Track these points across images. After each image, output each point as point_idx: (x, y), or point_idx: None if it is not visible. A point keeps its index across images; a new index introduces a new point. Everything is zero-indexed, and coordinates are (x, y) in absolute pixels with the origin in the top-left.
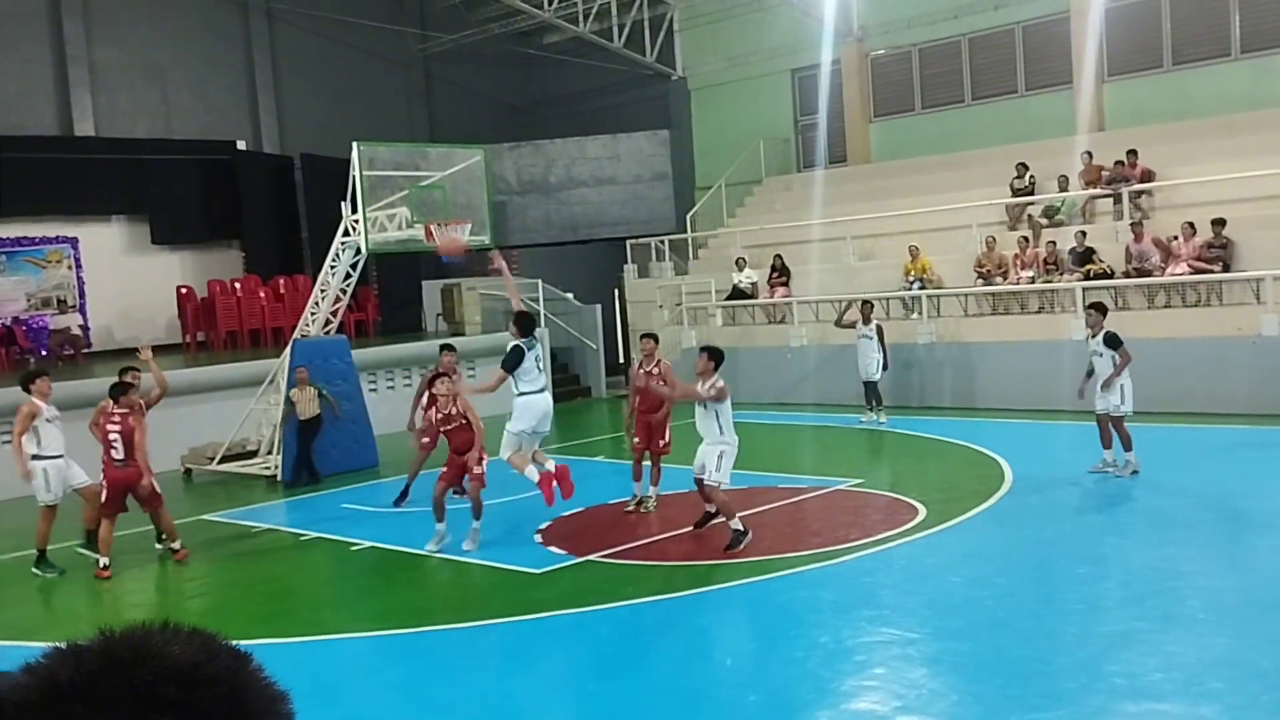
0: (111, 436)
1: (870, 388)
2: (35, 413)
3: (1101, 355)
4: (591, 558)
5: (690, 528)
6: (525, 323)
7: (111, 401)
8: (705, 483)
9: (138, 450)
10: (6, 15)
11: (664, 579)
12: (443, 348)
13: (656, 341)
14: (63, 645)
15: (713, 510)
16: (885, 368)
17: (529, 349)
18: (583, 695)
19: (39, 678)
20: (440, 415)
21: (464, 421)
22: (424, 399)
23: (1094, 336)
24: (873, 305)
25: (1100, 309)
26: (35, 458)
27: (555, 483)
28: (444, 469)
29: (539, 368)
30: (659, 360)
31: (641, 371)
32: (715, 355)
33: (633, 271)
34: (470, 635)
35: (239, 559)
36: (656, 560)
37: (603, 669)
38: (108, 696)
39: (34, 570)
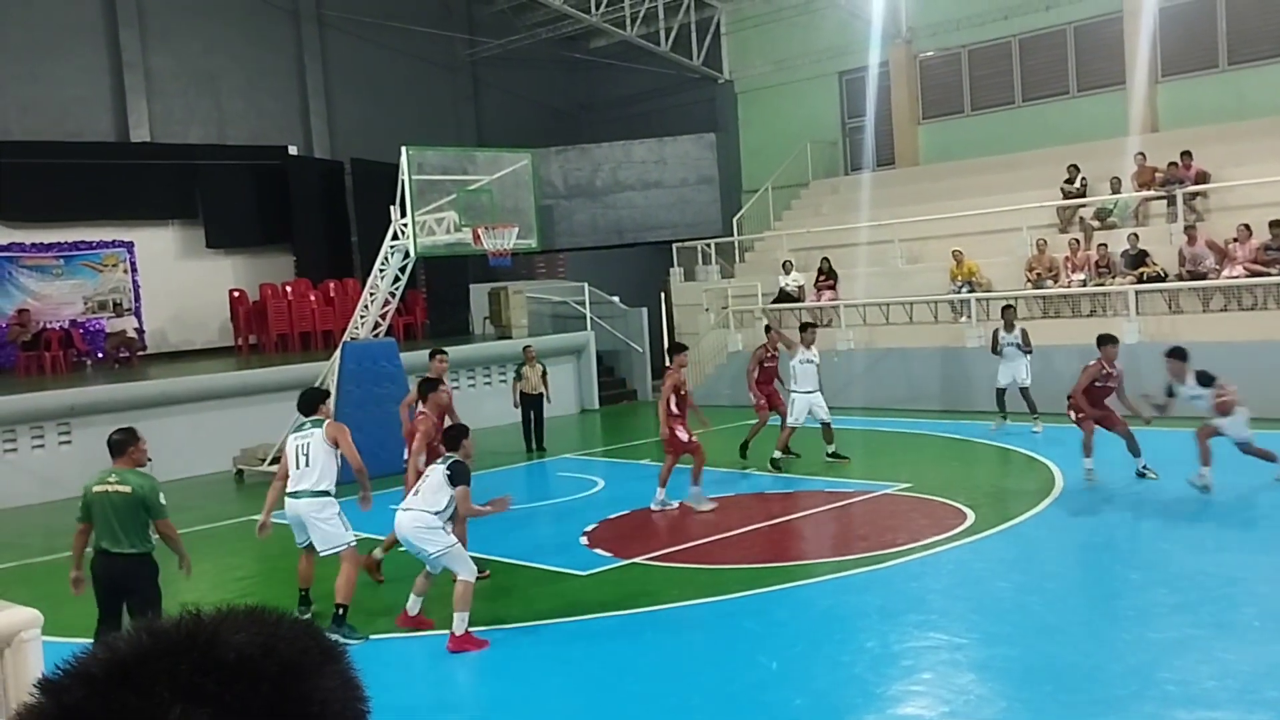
0: None
1: (1022, 394)
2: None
3: (1201, 398)
4: (637, 560)
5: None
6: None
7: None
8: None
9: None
10: (64, 24)
11: (709, 582)
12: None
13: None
14: (144, 621)
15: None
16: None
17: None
18: (628, 697)
19: (107, 652)
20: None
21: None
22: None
23: (1181, 384)
24: (1015, 309)
25: (1180, 355)
26: None
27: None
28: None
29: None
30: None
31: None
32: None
33: (679, 275)
34: (516, 636)
35: (288, 559)
36: (701, 563)
37: (648, 671)
38: (149, 682)
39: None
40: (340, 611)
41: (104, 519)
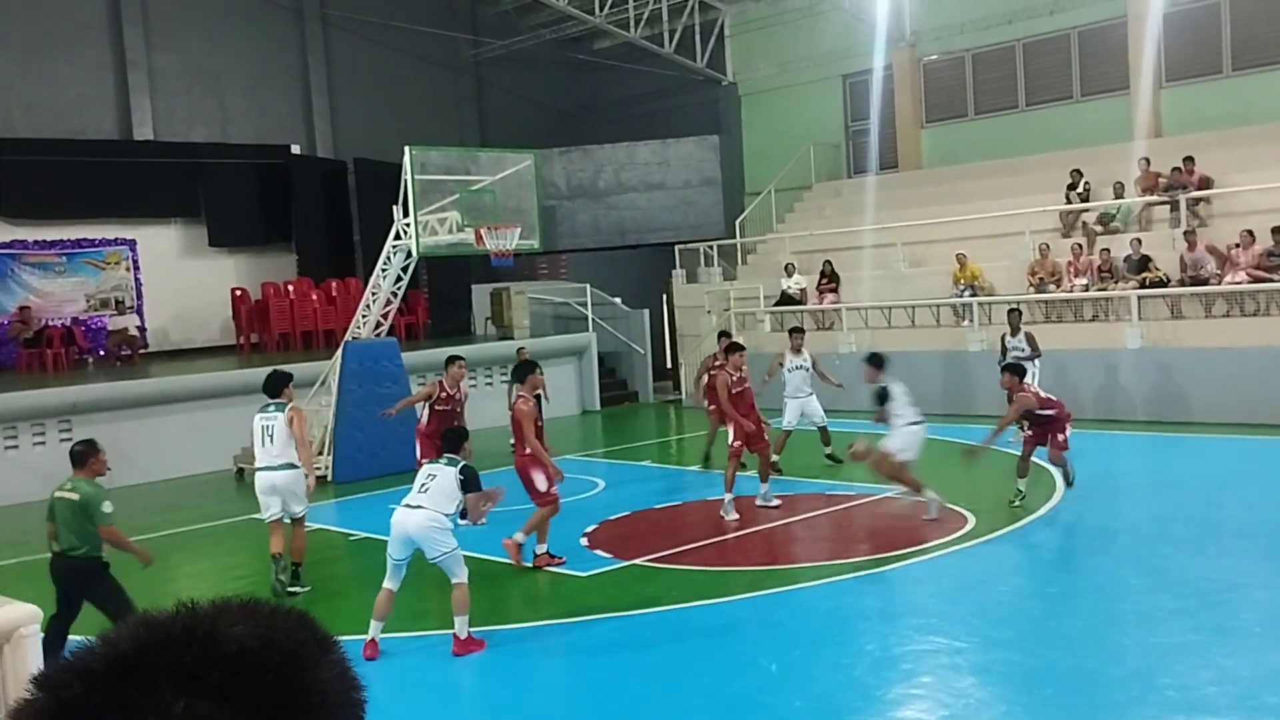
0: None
1: None
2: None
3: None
4: (637, 561)
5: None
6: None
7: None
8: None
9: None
10: (68, 23)
11: (709, 583)
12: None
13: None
14: (140, 615)
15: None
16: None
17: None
18: (627, 698)
19: (106, 647)
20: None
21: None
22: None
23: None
24: (1020, 313)
25: (877, 362)
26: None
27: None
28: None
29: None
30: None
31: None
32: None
33: (681, 277)
34: (516, 638)
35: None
36: (702, 565)
37: (648, 673)
38: (152, 676)
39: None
40: (296, 569)
41: (59, 523)
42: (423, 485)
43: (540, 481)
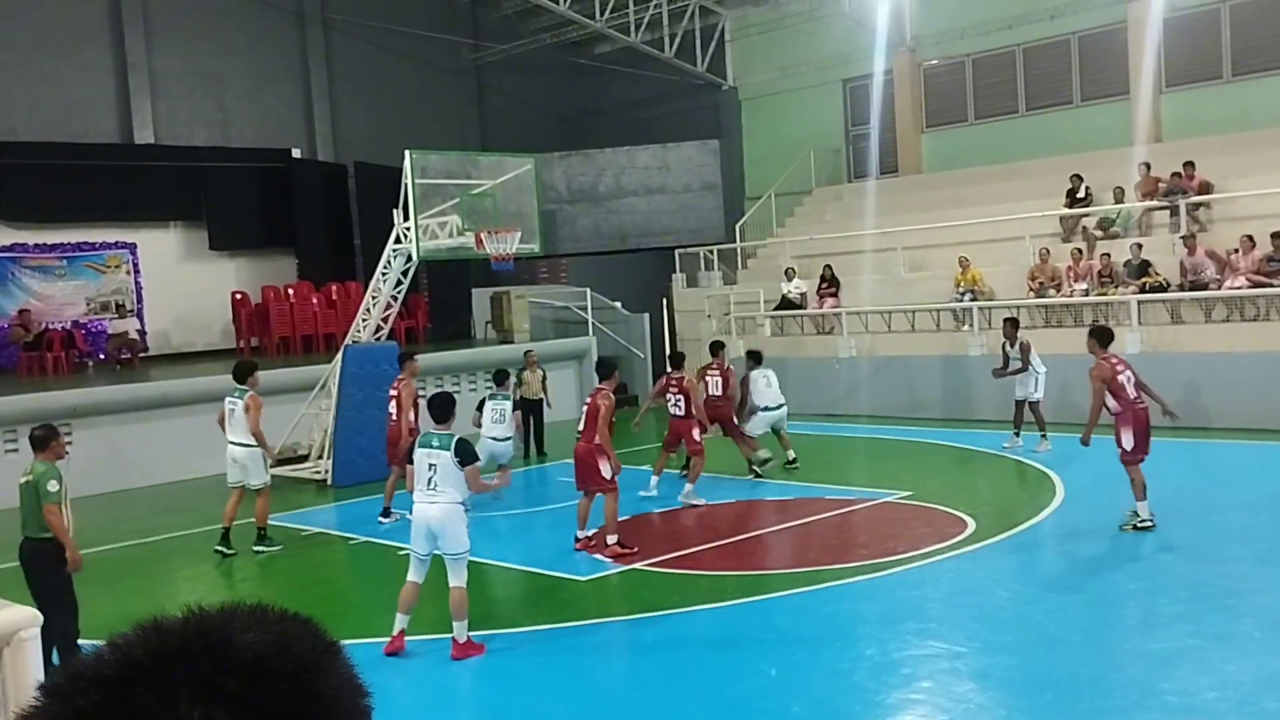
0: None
1: (1023, 407)
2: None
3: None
4: (637, 566)
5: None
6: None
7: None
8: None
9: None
10: (70, 26)
11: (710, 588)
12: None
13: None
14: (149, 621)
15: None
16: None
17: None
18: (627, 703)
19: (118, 654)
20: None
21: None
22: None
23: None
24: (1017, 322)
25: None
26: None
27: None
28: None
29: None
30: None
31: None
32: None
33: (681, 281)
34: (515, 641)
35: (288, 561)
36: (702, 569)
37: (647, 677)
38: (168, 683)
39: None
40: (262, 531)
41: (22, 507)
42: (430, 480)
43: (606, 469)
